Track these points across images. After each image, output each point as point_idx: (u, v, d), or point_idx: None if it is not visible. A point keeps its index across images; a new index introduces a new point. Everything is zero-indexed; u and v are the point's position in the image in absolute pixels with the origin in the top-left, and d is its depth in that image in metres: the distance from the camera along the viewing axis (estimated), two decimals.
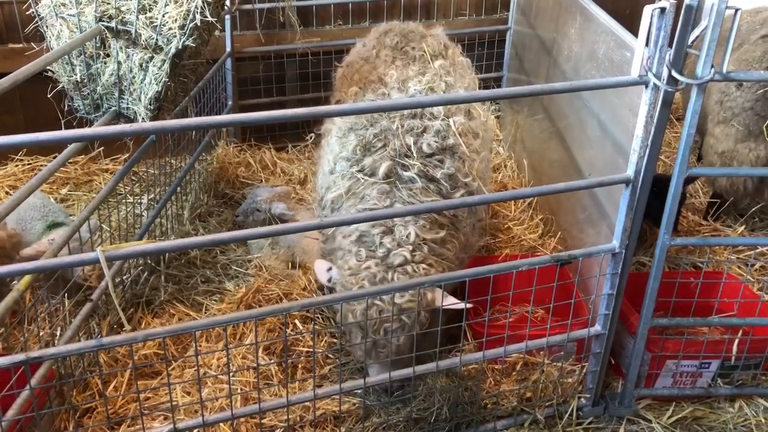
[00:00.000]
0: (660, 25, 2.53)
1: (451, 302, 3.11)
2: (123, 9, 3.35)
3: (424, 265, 3.14)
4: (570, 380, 3.48)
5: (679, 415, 3.49)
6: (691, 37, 2.58)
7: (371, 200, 3.27)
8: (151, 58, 3.43)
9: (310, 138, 5.46)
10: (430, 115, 3.46)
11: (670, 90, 2.64)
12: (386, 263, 3.09)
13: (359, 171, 3.36)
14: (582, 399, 3.48)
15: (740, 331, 3.59)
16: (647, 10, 2.53)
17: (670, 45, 2.58)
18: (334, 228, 3.37)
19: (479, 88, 4.40)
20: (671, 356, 3.46)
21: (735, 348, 3.46)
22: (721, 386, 3.59)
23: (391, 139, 3.36)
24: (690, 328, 3.79)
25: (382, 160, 3.32)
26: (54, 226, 3.82)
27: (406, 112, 3.43)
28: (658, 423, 3.45)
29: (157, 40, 3.37)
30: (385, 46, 4.12)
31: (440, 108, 3.48)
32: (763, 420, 3.49)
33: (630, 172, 2.86)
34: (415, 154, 3.31)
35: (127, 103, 3.56)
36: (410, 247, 3.13)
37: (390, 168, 3.29)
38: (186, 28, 3.36)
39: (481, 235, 3.86)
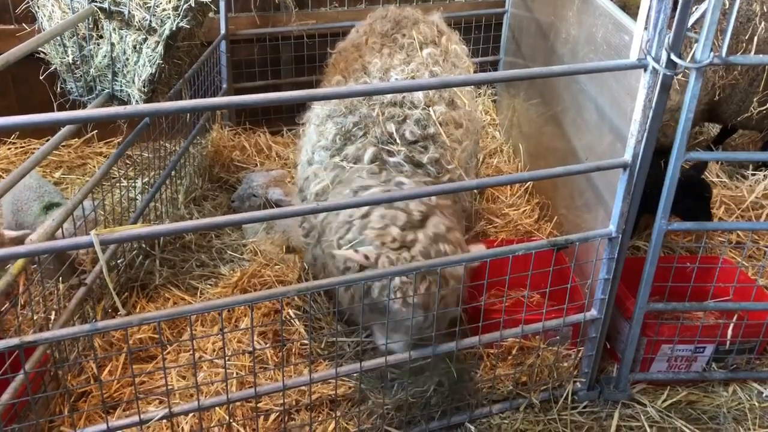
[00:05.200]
0: (659, 7, 2.50)
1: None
2: None
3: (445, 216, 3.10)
4: (565, 364, 3.49)
5: (674, 399, 3.52)
6: (691, 20, 2.56)
7: (364, 180, 3.17)
8: (145, 39, 3.39)
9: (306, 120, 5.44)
10: (410, 104, 3.38)
11: (668, 74, 2.62)
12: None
13: (342, 160, 3.28)
14: (577, 383, 3.49)
15: (735, 316, 3.60)
16: None
17: (669, 28, 2.56)
18: (322, 228, 3.27)
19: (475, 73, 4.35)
20: (666, 341, 3.47)
21: (730, 332, 3.47)
22: (716, 370, 3.61)
23: (371, 127, 3.29)
24: (685, 313, 3.80)
25: (365, 147, 3.24)
26: (51, 206, 3.81)
27: (386, 100, 3.35)
28: (652, 407, 3.46)
29: (150, 21, 3.33)
30: (375, 32, 4.02)
31: (421, 97, 3.40)
32: (756, 404, 3.52)
33: (628, 157, 2.85)
34: (398, 141, 3.24)
35: (121, 86, 3.52)
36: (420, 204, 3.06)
37: (375, 153, 3.22)
38: (180, 9, 3.33)
39: (464, 227, 3.80)
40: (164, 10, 3.32)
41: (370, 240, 2.92)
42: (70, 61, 3.47)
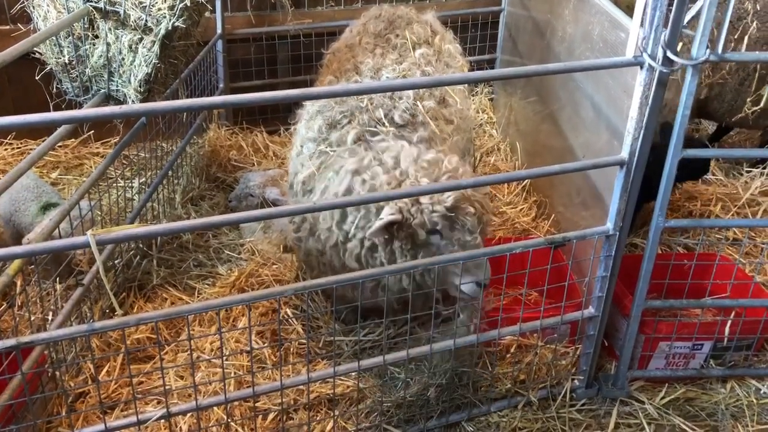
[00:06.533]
0: (655, 4, 2.50)
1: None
2: None
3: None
4: (564, 362, 3.49)
5: (672, 396, 3.52)
6: (687, 17, 2.55)
7: (345, 160, 3.16)
8: (141, 39, 3.38)
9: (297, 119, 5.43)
10: (398, 99, 3.39)
11: (665, 71, 2.62)
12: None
13: (327, 147, 3.29)
14: (575, 381, 3.49)
15: (733, 313, 3.60)
16: None
17: (665, 25, 2.56)
18: (314, 219, 3.27)
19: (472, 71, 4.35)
20: (664, 338, 3.47)
21: (727, 329, 3.47)
22: (714, 367, 3.62)
23: (357, 115, 3.30)
24: (683, 310, 3.80)
25: (348, 131, 3.26)
26: (48, 206, 3.79)
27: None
28: (650, 404, 3.46)
29: (146, 20, 3.32)
30: (368, 32, 4.01)
31: (410, 95, 3.41)
32: (754, 400, 3.52)
33: (624, 154, 2.85)
34: (387, 123, 3.24)
35: (117, 86, 3.51)
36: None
37: (358, 134, 3.22)
38: (176, 9, 3.32)
39: None
40: (160, 9, 3.31)
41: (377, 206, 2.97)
42: (66, 61, 3.46)
